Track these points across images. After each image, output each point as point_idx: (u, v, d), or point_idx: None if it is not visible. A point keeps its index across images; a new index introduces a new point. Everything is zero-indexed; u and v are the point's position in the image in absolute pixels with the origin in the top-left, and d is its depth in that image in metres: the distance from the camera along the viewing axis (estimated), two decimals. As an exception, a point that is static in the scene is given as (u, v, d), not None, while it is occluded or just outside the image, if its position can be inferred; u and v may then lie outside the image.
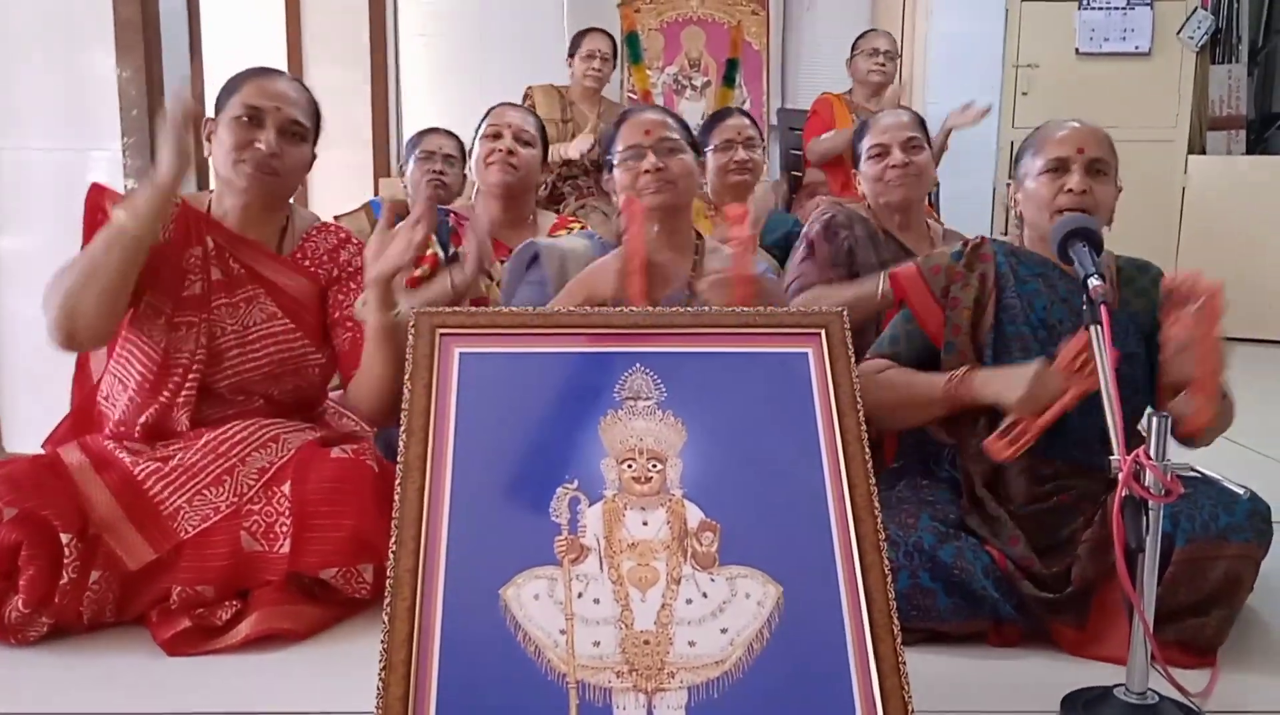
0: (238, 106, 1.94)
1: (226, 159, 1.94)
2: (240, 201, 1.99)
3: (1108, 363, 1.48)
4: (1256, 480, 1.75)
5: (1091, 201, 1.87)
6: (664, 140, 2.06)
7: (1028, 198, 1.95)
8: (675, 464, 1.39)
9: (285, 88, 1.99)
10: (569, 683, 1.23)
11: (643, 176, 2.03)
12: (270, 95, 1.95)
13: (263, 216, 2.02)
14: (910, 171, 2.47)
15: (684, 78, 5.61)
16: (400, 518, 1.30)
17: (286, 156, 1.96)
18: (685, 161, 2.07)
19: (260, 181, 1.94)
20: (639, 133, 2.07)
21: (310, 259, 2.06)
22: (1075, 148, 1.89)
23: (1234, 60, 5.36)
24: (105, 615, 1.77)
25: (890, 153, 2.48)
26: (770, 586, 1.31)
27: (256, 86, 1.96)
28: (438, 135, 3.36)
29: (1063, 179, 1.88)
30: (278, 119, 1.94)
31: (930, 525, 1.77)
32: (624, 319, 1.52)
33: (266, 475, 1.85)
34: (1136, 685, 1.48)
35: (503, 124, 2.65)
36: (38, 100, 2.91)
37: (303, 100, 2.01)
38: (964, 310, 1.92)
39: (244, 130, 1.93)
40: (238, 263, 1.99)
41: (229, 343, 1.97)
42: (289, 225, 2.08)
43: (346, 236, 2.13)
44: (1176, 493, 1.42)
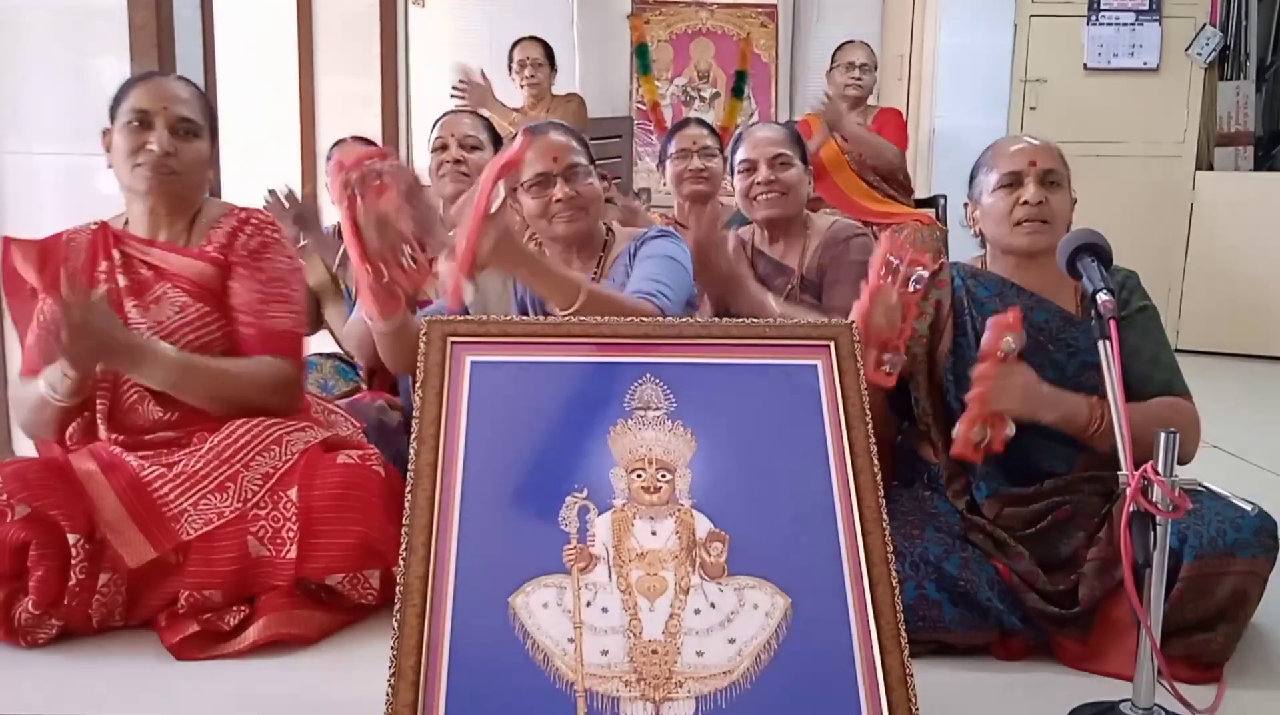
0: (127, 112, 1.96)
1: (124, 165, 1.96)
2: (144, 205, 2.00)
3: (1117, 378, 1.48)
4: (1264, 496, 1.75)
5: (1048, 212, 1.89)
6: (572, 167, 2.07)
7: (985, 214, 1.97)
8: (684, 474, 1.40)
9: (173, 87, 2.01)
10: (577, 691, 1.24)
11: (554, 205, 2.05)
12: (157, 97, 1.97)
13: (170, 218, 2.02)
14: (776, 188, 2.47)
15: (693, 89, 5.64)
16: (410, 525, 1.31)
17: (181, 154, 1.97)
18: (594, 186, 2.09)
19: (159, 182, 1.95)
20: (546, 160, 2.06)
21: (214, 245, 2.03)
22: (1028, 161, 1.92)
23: (1242, 77, 5.36)
24: (114, 618, 1.78)
25: (757, 169, 2.49)
26: (778, 597, 1.32)
27: (142, 89, 1.98)
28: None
29: (1018, 192, 1.91)
30: (167, 118, 1.95)
31: (936, 536, 1.77)
32: (634, 329, 1.53)
33: (271, 480, 1.86)
34: (1143, 700, 1.48)
35: (448, 134, 2.69)
36: (49, 105, 2.93)
37: (192, 98, 2.02)
38: (920, 339, 1.93)
39: (135, 134, 1.95)
40: (146, 266, 1.99)
41: None
42: (198, 219, 2.06)
43: (247, 217, 2.07)
44: (1184, 508, 1.42)
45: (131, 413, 1.94)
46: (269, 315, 2.01)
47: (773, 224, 2.51)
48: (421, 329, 1.48)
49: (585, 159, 2.12)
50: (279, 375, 1.99)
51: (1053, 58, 5.27)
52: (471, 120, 2.76)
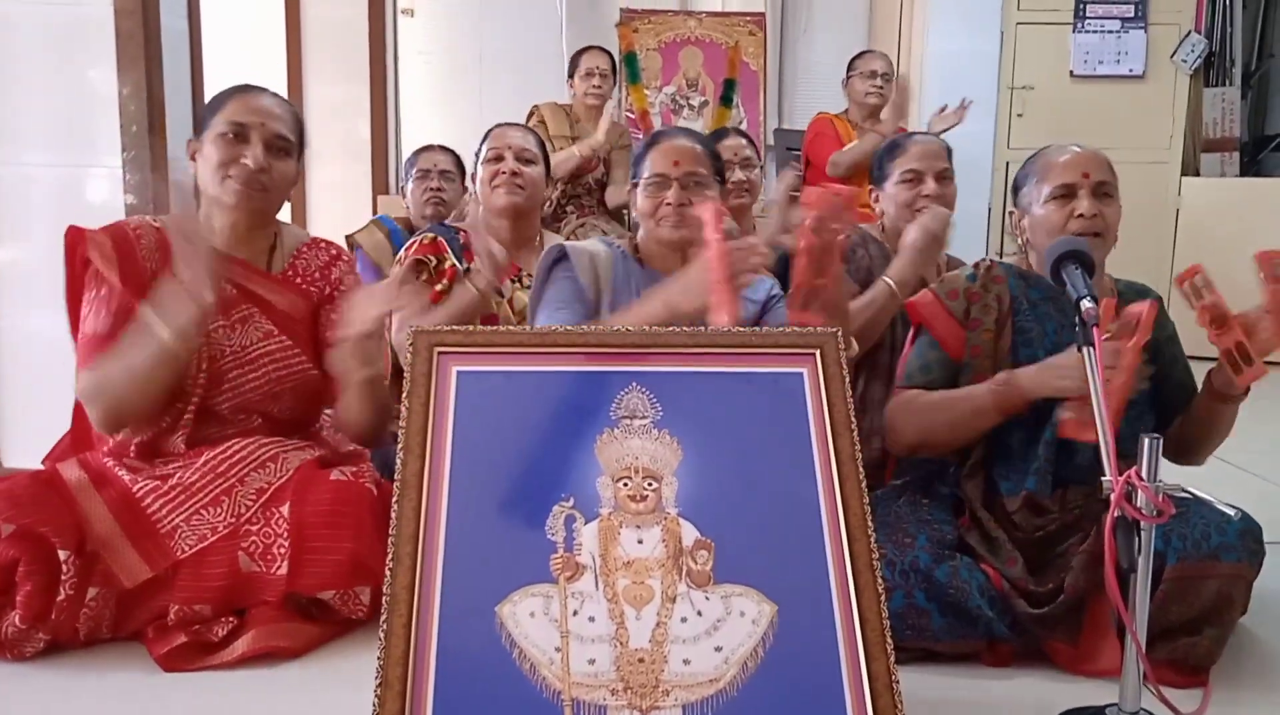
0: (223, 123, 1.94)
1: (214, 176, 1.94)
2: (229, 219, 1.99)
3: (1099, 386, 1.49)
4: (1248, 501, 1.76)
5: (1103, 224, 1.90)
6: (691, 174, 2.06)
7: (1036, 225, 1.96)
8: (671, 482, 1.40)
9: (269, 103, 2.00)
10: (564, 700, 1.24)
11: (664, 207, 2.05)
12: (255, 111, 1.96)
13: (251, 234, 2.02)
14: (941, 203, 2.44)
15: (681, 97, 5.65)
16: (397, 535, 1.31)
17: (273, 171, 1.96)
18: (708, 197, 2.05)
19: (248, 197, 1.95)
20: (667, 162, 2.07)
21: (302, 276, 2.06)
22: (1081, 172, 1.92)
23: (1227, 83, 5.40)
24: (102, 631, 1.77)
25: (924, 181, 2.45)
26: (765, 605, 1.32)
27: (241, 103, 1.97)
28: (433, 152, 3.38)
29: (1072, 204, 1.90)
30: (263, 134, 1.95)
31: (926, 545, 1.78)
32: (620, 338, 1.53)
33: (265, 495, 1.85)
34: (1129, 705, 1.49)
35: (503, 145, 2.66)
36: (38, 115, 2.92)
37: (287, 115, 2.02)
38: (985, 332, 1.94)
39: (230, 147, 1.93)
40: (230, 283, 1.98)
41: (228, 364, 1.96)
42: (278, 242, 2.08)
43: (338, 253, 2.13)
44: (1169, 513, 1.43)
45: (215, 421, 1.96)
46: None
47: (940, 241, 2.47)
48: (409, 337, 1.48)
49: (706, 171, 2.10)
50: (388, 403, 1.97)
51: (1039, 65, 5.31)
52: (523, 133, 2.74)
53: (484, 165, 2.66)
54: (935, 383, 1.96)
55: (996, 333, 1.95)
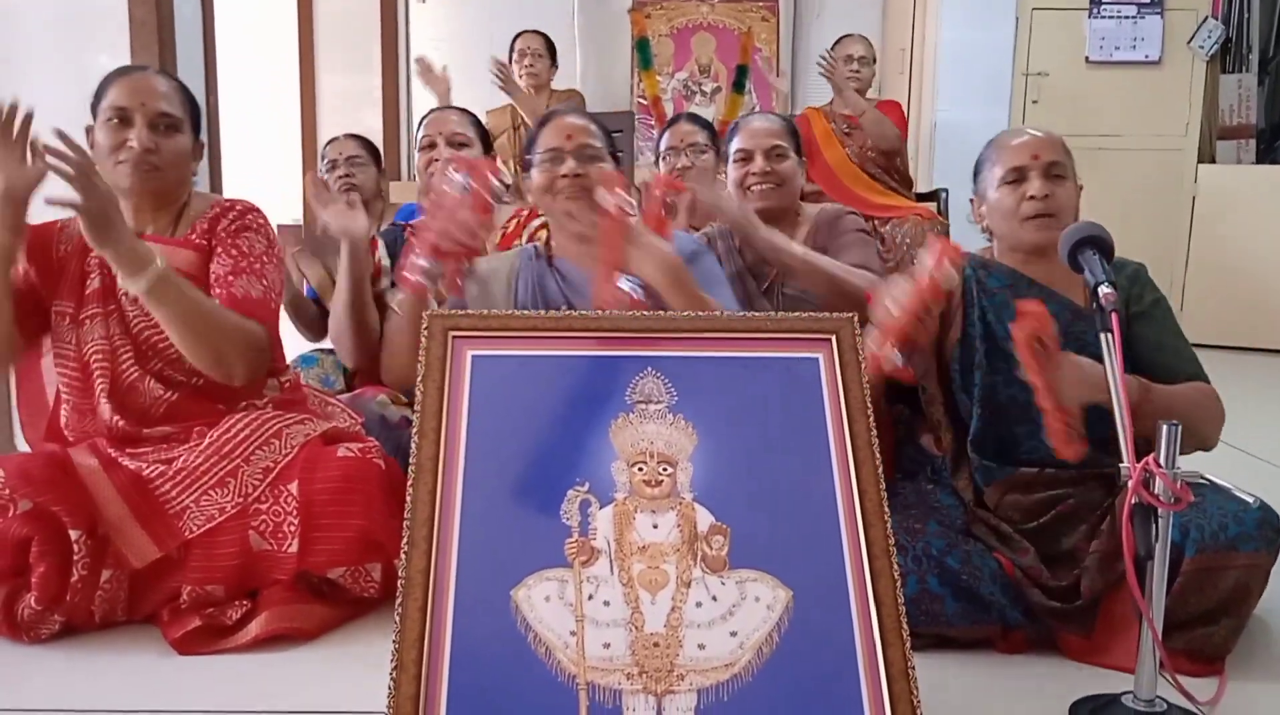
0: (107, 110, 1.96)
1: (107, 162, 1.96)
2: (129, 201, 1.99)
3: (1118, 369, 1.48)
4: (1267, 490, 1.75)
5: (1055, 204, 1.89)
6: (584, 147, 2.04)
7: (992, 210, 1.97)
8: (686, 468, 1.40)
9: (151, 82, 2.00)
10: (579, 684, 1.24)
11: (560, 181, 2.02)
12: (136, 92, 1.97)
13: (156, 212, 2.02)
14: (771, 180, 2.45)
15: (694, 83, 5.64)
16: (412, 518, 1.31)
17: (162, 149, 1.96)
18: (603, 170, 2.04)
19: (141, 178, 1.95)
20: (560, 136, 2.05)
21: (197, 233, 2.03)
22: (1030, 154, 1.92)
23: (1244, 70, 5.35)
24: (117, 614, 1.78)
25: (753, 159, 2.46)
26: (780, 591, 1.32)
27: (122, 85, 1.98)
28: (339, 142, 3.31)
29: (1023, 187, 1.91)
30: (146, 114, 1.95)
31: (938, 530, 1.77)
32: (635, 323, 1.52)
33: (272, 474, 1.86)
34: (1144, 693, 1.48)
35: (435, 132, 2.67)
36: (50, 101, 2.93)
37: (172, 92, 2.01)
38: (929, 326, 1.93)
39: (116, 131, 1.95)
40: None
41: (141, 325, 1.95)
42: (184, 212, 2.06)
43: (231, 205, 2.08)
44: (1186, 501, 1.42)
45: (131, 392, 1.94)
46: (237, 284, 1.98)
47: (766, 215, 2.48)
48: (423, 323, 1.48)
49: (600, 143, 2.08)
50: (249, 332, 1.93)
51: (1054, 51, 5.27)
52: (459, 117, 2.75)
53: (419, 153, 2.68)
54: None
55: (943, 327, 1.93)
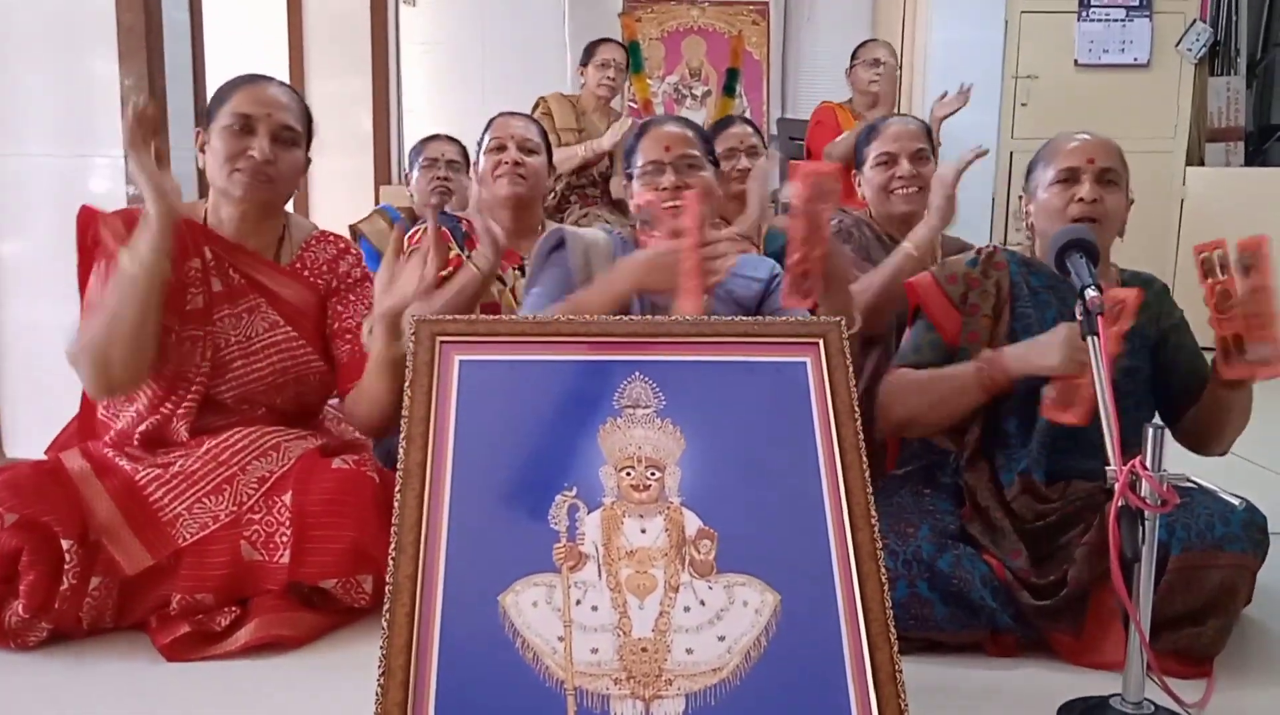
0: (229, 115, 1.93)
1: (221, 169, 1.93)
2: (237, 210, 1.98)
3: (1104, 373, 1.48)
4: (1253, 491, 1.76)
5: (1102, 210, 1.89)
6: (684, 157, 2.04)
7: (1040, 209, 1.96)
8: (674, 472, 1.40)
9: (276, 93, 1.99)
10: (567, 689, 1.23)
11: (661, 193, 2.02)
12: (261, 102, 1.95)
13: (260, 225, 2.02)
14: (915, 183, 2.45)
15: (684, 87, 5.64)
16: (400, 524, 1.30)
17: (280, 162, 1.95)
18: (705, 178, 2.03)
19: (256, 189, 1.94)
20: (659, 148, 2.04)
21: (310, 269, 2.06)
22: (1086, 158, 1.91)
23: (1232, 72, 5.38)
24: (105, 621, 1.77)
25: (898, 163, 2.46)
26: (768, 595, 1.32)
27: (247, 94, 1.96)
28: (440, 142, 3.38)
29: (1074, 189, 1.90)
30: (270, 125, 1.94)
31: (929, 535, 1.77)
32: (623, 327, 1.52)
33: (266, 484, 1.85)
34: (1132, 695, 1.49)
35: (506, 135, 2.64)
36: (39, 106, 2.92)
37: (294, 105, 2.01)
38: (983, 317, 1.94)
39: (236, 139, 1.92)
40: (237, 273, 1.98)
41: (233, 353, 1.97)
42: (286, 234, 2.07)
43: (346, 247, 2.13)
44: (1173, 503, 1.43)
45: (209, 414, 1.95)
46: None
47: (909, 221, 2.46)
48: (410, 326, 1.47)
49: (699, 152, 2.07)
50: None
51: (1044, 54, 5.28)
52: (525, 123, 2.72)
53: (486, 155, 2.64)
54: (924, 364, 1.96)
55: (994, 319, 1.94)
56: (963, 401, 1.88)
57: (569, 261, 2.06)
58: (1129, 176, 1.96)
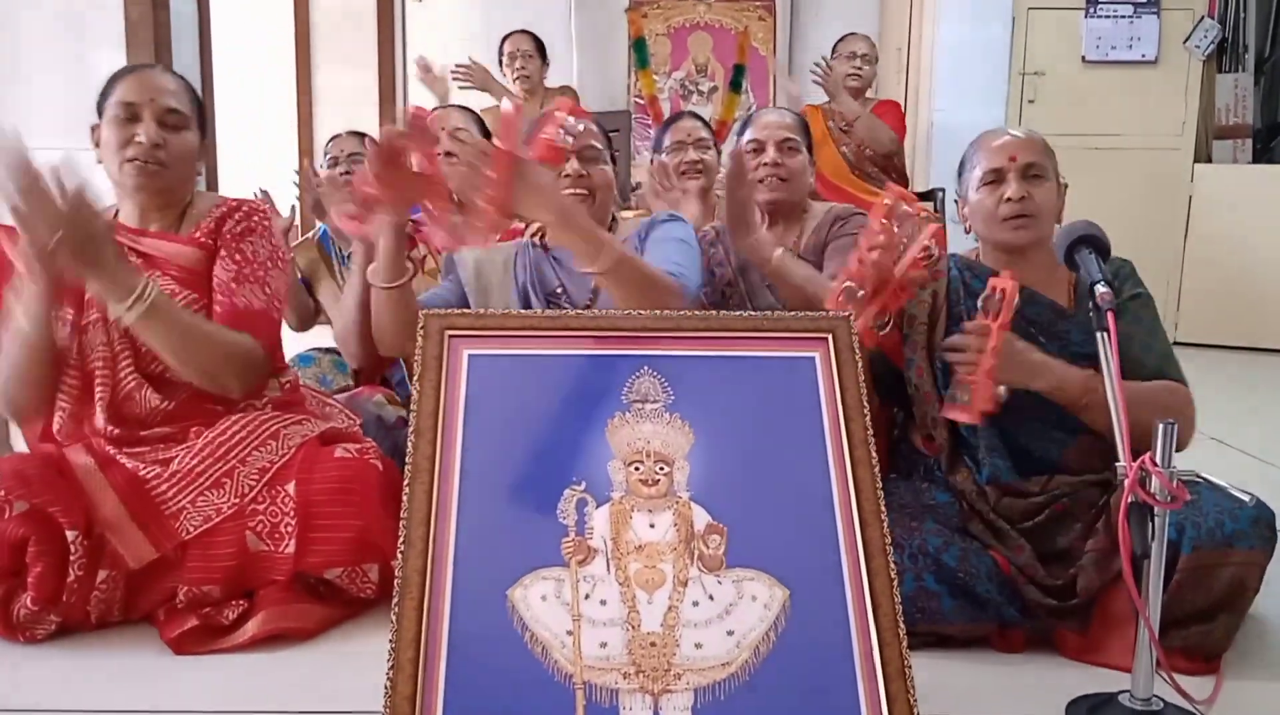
0: (114, 106, 1.95)
1: (113, 159, 1.95)
2: (134, 198, 1.99)
3: (1114, 370, 1.48)
4: (1263, 488, 1.76)
5: (1033, 205, 1.89)
6: (587, 148, 2.07)
7: (973, 211, 1.98)
8: (682, 467, 1.40)
9: (159, 79, 1.99)
10: (576, 683, 1.24)
11: (563, 180, 2.04)
12: (144, 89, 1.96)
13: (161, 210, 2.02)
14: (780, 173, 2.45)
15: (690, 83, 5.63)
16: (408, 518, 1.31)
17: (169, 146, 1.95)
18: (605, 172, 2.10)
19: (148, 175, 1.94)
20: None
21: (203, 232, 2.02)
22: (1008, 157, 1.92)
23: (1240, 69, 5.36)
24: (113, 614, 1.78)
25: (765, 150, 2.46)
26: (777, 589, 1.32)
27: (129, 82, 1.97)
28: (341, 139, 3.32)
29: (1000, 189, 1.91)
30: (154, 110, 1.94)
31: (934, 528, 1.78)
32: (632, 322, 1.52)
33: (268, 474, 1.85)
34: (1141, 691, 1.48)
35: (437, 128, 2.67)
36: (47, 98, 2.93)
37: (179, 88, 2.01)
38: (920, 326, 1.95)
39: (123, 127, 1.93)
40: (137, 254, 1.97)
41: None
42: (189, 209, 2.05)
43: (237, 205, 2.07)
44: (1182, 499, 1.42)
45: (129, 402, 1.92)
46: (240, 293, 1.97)
47: (774, 209, 2.48)
48: (420, 321, 1.48)
49: (601, 145, 2.12)
50: (246, 350, 1.94)
51: (1051, 50, 5.27)
52: (460, 114, 2.75)
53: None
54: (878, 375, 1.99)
55: (930, 326, 1.95)
56: None
57: (458, 276, 2.15)
58: (1055, 164, 1.96)
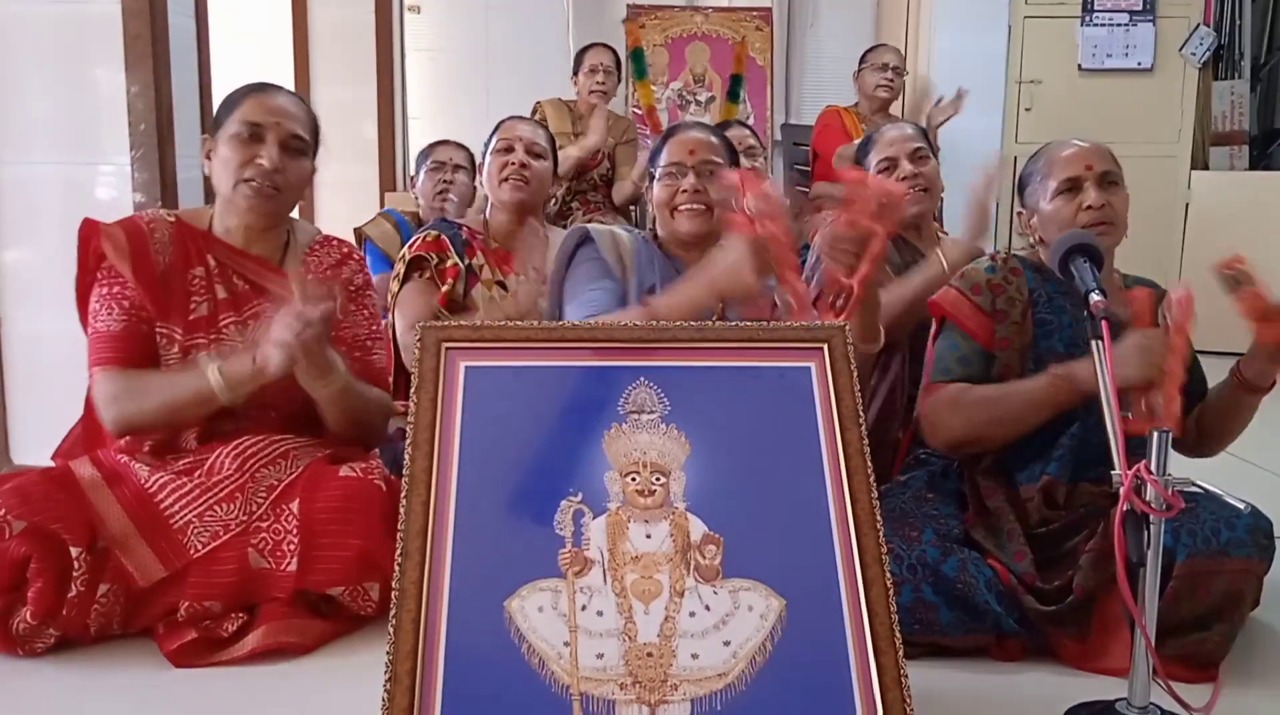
0: (238, 123, 1.94)
1: (229, 177, 1.94)
2: (243, 220, 1.99)
3: (1109, 376, 1.48)
4: (1258, 495, 1.76)
5: (1112, 213, 1.91)
6: (706, 162, 2.09)
7: (1046, 221, 1.97)
8: (678, 477, 1.40)
9: (285, 102, 1.99)
10: (573, 694, 1.24)
11: (680, 195, 2.06)
12: (270, 110, 1.95)
13: (266, 233, 2.03)
14: (918, 183, 2.46)
15: (688, 93, 5.64)
16: (405, 530, 1.31)
17: (288, 172, 1.96)
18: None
19: (263, 197, 1.95)
20: (684, 151, 2.10)
21: (314, 272, 2.06)
22: (1084, 165, 1.93)
23: (1236, 76, 5.38)
24: (112, 627, 1.78)
25: (899, 165, 2.47)
26: (773, 599, 1.32)
27: (256, 102, 1.96)
28: (448, 147, 3.41)
29: (1079, 197, 1.92)
30: (279, 133, 1.94)
31: (934, 539, 1.78)
32: (628, 333, 1.53)
33: (275, 492, 1.85)
34: (1138, 700, 1.48)
35: (514, 137, 2.65)
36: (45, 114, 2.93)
37: (302, 114, 2.01)
38: (1011, 323, 1.94)
39: (245, 147, 1.93)
40: (242, 279, 1.99)
41: None
42: (291, 239, 2.08)
43: (349, 251, 2.14)
44: (1178, 508, 1.43)
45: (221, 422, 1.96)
46: (373, 352, 2.10)
47: (916, 221, 2.48)
48: (417, 333, 1.48)
49: (722, 159, 2.12)
50: (385, 405, 2.10)
51: (1047, 59, 5.28)
52: (533, 127, 2.74)
53: (493, 156, 2.66)
54: (975, 376, 1.95)
55: (1021, 324, 1.95)
56: (1032, 417, 1.86)
57: (601, 252, 2.10)
58: (1123, 173, 1.98)
